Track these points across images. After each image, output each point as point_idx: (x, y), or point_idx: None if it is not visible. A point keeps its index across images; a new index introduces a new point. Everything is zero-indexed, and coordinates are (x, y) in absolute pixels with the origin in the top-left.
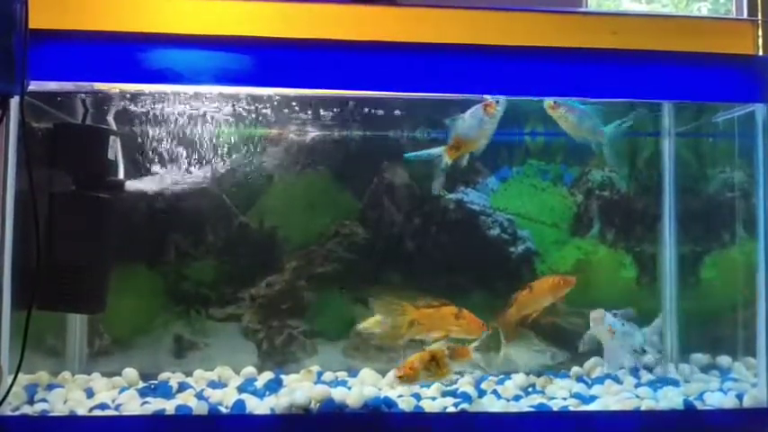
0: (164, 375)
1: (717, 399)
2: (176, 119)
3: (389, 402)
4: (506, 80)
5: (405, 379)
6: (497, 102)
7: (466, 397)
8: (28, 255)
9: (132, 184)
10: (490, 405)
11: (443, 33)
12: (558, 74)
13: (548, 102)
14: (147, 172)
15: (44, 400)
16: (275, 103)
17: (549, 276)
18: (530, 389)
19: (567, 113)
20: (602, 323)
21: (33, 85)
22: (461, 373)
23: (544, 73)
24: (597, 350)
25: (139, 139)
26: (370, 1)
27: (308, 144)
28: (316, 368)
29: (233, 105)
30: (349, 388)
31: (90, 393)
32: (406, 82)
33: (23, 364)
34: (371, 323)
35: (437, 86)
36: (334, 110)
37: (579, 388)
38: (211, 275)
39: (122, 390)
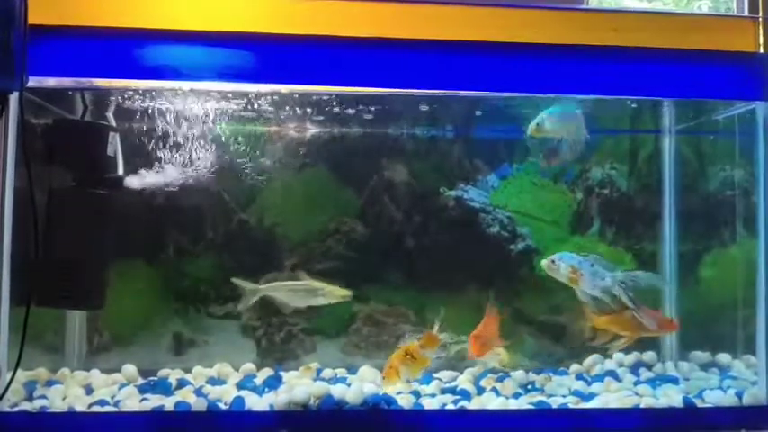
0: (163, 372)
1: (716, 396)
2: (174, 116)
3: (389, 399)
4: (507, 77)
5: (388, 379)
6: None
7: (465, 394)
8: (27, 251)
9: (132, 181)
10: (489, 402)
11: (443, 30)
12: (558, 71)
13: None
14: (147, 168)
15: (43, 397)
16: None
17: (659, 312)
18: (529, 386)
19: None
20: (559, 269)
21: (32, 82)
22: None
23: (545, 70)
24: (595, 349)
25: (138, 136)
26: None
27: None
28: (315, 365)
29: (229, 101)
30: (348, 385)
31: (89, 390)
32: (406, 79)
33: (22, 360)
34: None
35: (437, 84)
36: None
37: (578, 385)
38: (211, 272)
39: (121, 386)
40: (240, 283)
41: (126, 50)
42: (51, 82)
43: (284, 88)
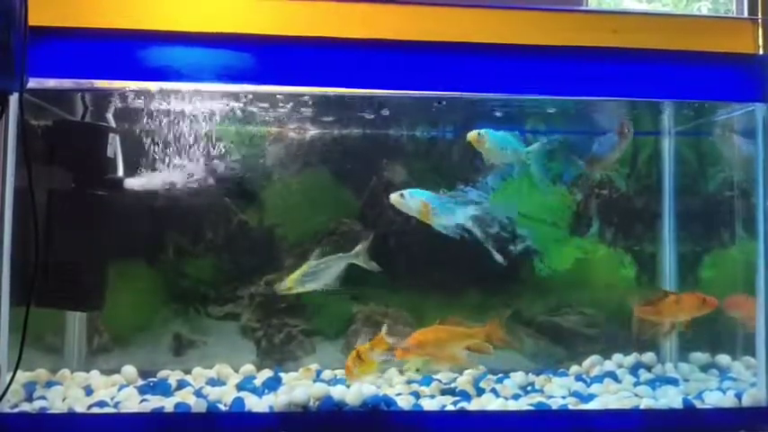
0: (163, 373)
1: (716, 398)
2: (174, 116)
3: (388, 401)
4: (507, 78)
5: (348, 377)
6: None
7: (465, 395)
8: (27, 252)
9: (132, 182)
10: (489, 403)
11: (444, 32)
12: (558, 72)
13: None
14: (146, 170)
15: (43, 398)
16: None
17: (696, 294)
18: (528, 387)
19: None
20: (408, 203)
21: (33, 83)
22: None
23: (545, 71)
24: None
25: (139, 137)
26: None
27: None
28: (315, 366)
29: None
30: (348, 386)
31: (89, 391)
32: (406, 81)
33: (22, 361)
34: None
35: (437, 86)
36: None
37: (578, 386)
38: (210, 273)
39: (121, 387)
40: None
41: (126, 52)
42: (51, 83)
43: (282, 89)
